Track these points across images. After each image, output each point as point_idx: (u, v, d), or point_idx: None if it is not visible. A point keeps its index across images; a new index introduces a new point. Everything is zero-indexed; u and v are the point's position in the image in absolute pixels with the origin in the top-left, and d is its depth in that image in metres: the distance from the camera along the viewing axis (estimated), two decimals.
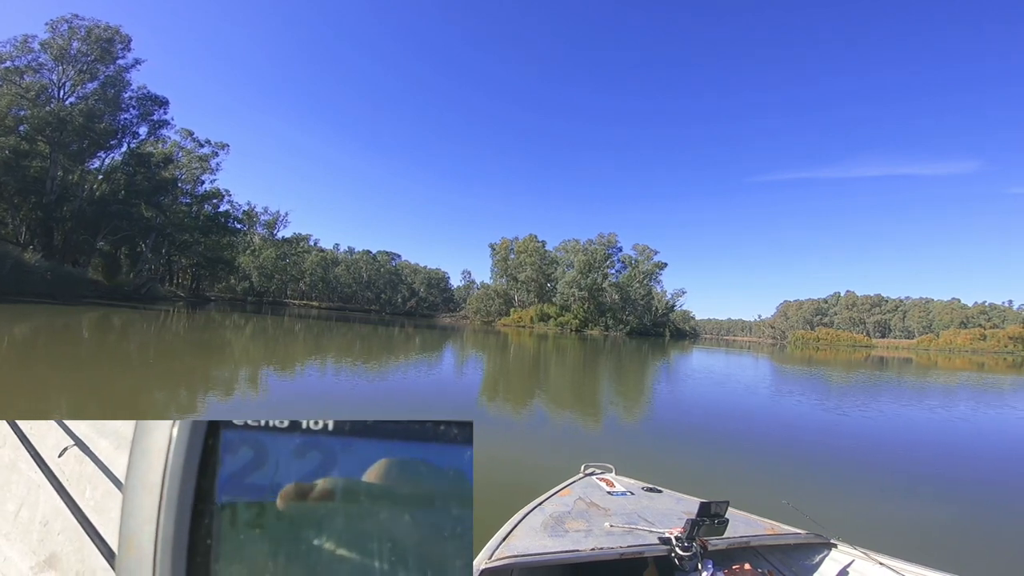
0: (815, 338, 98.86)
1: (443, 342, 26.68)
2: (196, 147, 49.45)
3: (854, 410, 11.15)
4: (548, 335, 51.30)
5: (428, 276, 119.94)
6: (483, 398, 9.86)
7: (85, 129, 32.51)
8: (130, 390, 7.41)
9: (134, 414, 6.00)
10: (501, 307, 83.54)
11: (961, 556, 3.81)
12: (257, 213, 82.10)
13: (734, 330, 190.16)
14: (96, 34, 33.23)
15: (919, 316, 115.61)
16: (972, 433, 9.30)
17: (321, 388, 9.21)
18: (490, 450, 5.57)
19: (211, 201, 54.61)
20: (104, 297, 32.76)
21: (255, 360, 12.33)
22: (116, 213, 35.72)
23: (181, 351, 12.86)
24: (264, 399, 7.52)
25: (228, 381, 8.95)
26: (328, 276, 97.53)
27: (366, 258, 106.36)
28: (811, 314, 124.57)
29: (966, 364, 39.28)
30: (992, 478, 6.15)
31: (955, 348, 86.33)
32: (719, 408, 10.89)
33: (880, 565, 2.01)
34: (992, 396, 16.13)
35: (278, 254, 78.80)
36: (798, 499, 3.32)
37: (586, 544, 1.97)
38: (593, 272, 74.23)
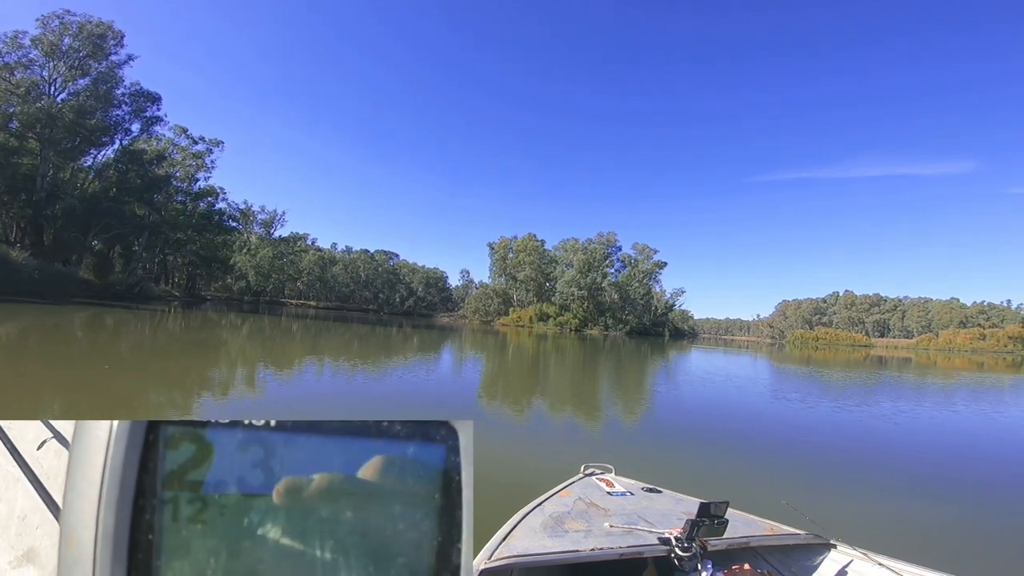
0: (814, 338, 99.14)
1: (441, 342, 26.67)
2: (191, 144, 49.15)
3: (854, 410, 11.18)
4: (547, 335, 51.34)
5: (426, 275, 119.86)
6: (482, 400, 9.84)
7: (76, 126, 32.27)
8: (111, 393, 7.35)
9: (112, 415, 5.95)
10: (500, 307, 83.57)
11: (961, 557, 3.81)
12: (254, 212, 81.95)
13: (732, 329, 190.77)
14: (88, 30, 33.00)
15: (918, 316, 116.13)
16: (973, 433, 9.34)
17: (316, 391, 9.19)
18: (490, 451, 5.59)
19: (206, 199, 54.25)
20: (95, 296, 32.48)
21: (248, 361, 12.17)
22: (107, 211, 35.41)
23: (168, 352, 12.74)
24: (254, 404, 7.44)
25: (219, 384, 8.89)
26: (326, 276, 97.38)
27: (364, 257, 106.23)
28: (810, 314, 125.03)
29: (966, 364, 39.48)
30: (993, 478, 6.16)
31: (955, 348, 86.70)
32: (719, 408, 10.92)
33: (879, 566, 2.01)
34: (992, 395, 16.20)
35: (275, 253, 78.53)
36: (798, 500, 3.33)
37: (586, 544, 1.97)
38: (593, 271, 74.29)
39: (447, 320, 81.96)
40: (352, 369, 12.28)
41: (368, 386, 10.05)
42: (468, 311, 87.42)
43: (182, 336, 17.15)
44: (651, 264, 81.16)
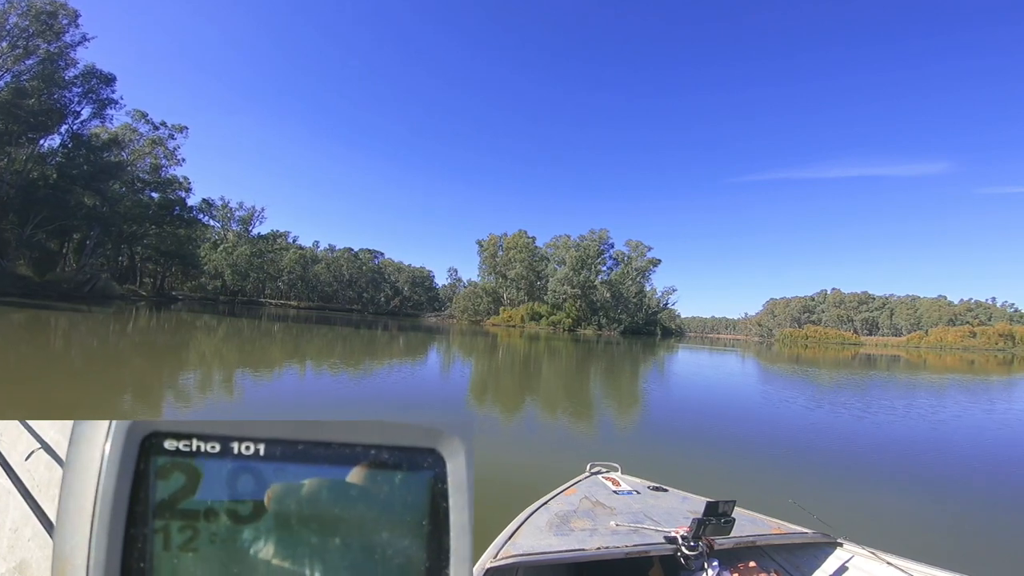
0: (803, 336, 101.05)
1: (426, 345, 26.35)
2: (152, 130, 46.48)
3: (859, 410, 11.37)
4: (540, 335, 51.37)
5: (412, 274, 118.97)
6: (481, 402, 9.64)
7: (11, 107, 30.37)
8: None
9: None
10: (489, 306, 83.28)
11: (969, 555, 3.86)
12: (231, 208, 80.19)
13: (718, 328, 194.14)
14: (37, 8, 31.46)
15: (906, 313, 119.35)
16: (978, 432, 9.47)
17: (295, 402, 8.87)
18: (491, 452, 5.66)
19: (167, 189, 50.17)
20: (33, 295, 29.61)
21: (160, 383, 9.06)
22: (45, 200, 32.64)
23: (67, 368, 9.55)
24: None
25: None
26: (307, 275, 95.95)
27: (347, 256, 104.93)
28: (799, 312, 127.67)
29: (957, 361, 40.67)
30: (1001, 477, 6.25)
31: (946, 345, 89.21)
32: (724, 408, 11.11)
33: (887, 564, 2.03)
34: (993, 395, 16.55)
35: (253, 251, 77.02)
36: (804, 498, 3.37)
37: (591, 543, 1.99)
38: (586, 269, 74.42)
39: (434, 320, 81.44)
40: (334, 372, 11.95)
41: (351, 390, 9.76)
42: (456, 311, 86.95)
43: (113, 345, 13.80)
44: (645, 261, 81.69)
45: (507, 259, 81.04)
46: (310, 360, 14.21)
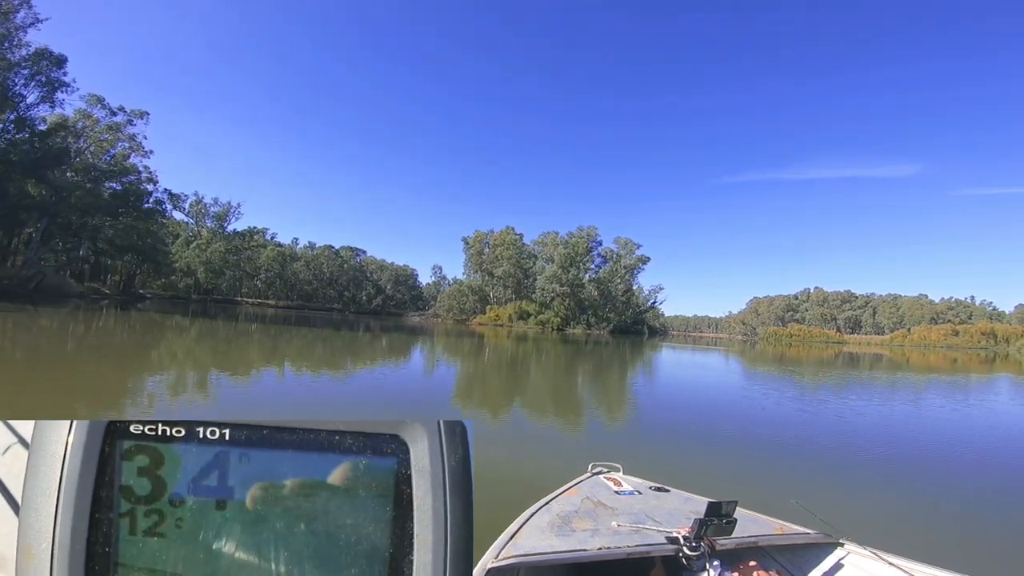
0: (787, 335, 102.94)
1: (409, 346, 26.16)
2: (109, 116, 44.11)
3: (860, 409, 11.59)
4: (528, 335, 51.36)
5: (395, 273, 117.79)
6: (483, 402, 9.62)
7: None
8: None
9: None
10: (476, 304, 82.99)
11: (971, 555, 3.93)
12: (205, 204, 78.14)
13: (701, 327, 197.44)
14: None
15: (889, 312, 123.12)
16: (980, 430, 9.66)
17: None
18: (493, 453, 5.72)
19: (123, 178, 47.00)
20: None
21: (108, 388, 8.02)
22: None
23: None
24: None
25: None
26: (286, 273, 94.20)
27: (328, 253, 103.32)
28: (782, 310, 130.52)
29: (941, 360, 41.89)
30: (1004, 477, 6.33)
31: (929, 344, 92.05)
32: (726, 408, 11.28)
33: (889, 565, 2.06)
34: (994, 394, 16.96)
35: (228, 248, 75.20)
36: (806, 499, 3.44)
37: (593, 543, 2.02)
38: (575, 266, 74.68)
39: (418, 320, 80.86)
40: (315, 375, 11.79)
41: (333, 391, 9.66)
42: (441, 310, 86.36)
43: (49, 349, 11.91)
44: (634, 259, 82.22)
45: (494, 256, 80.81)
46: (289, 363, 14.00)
